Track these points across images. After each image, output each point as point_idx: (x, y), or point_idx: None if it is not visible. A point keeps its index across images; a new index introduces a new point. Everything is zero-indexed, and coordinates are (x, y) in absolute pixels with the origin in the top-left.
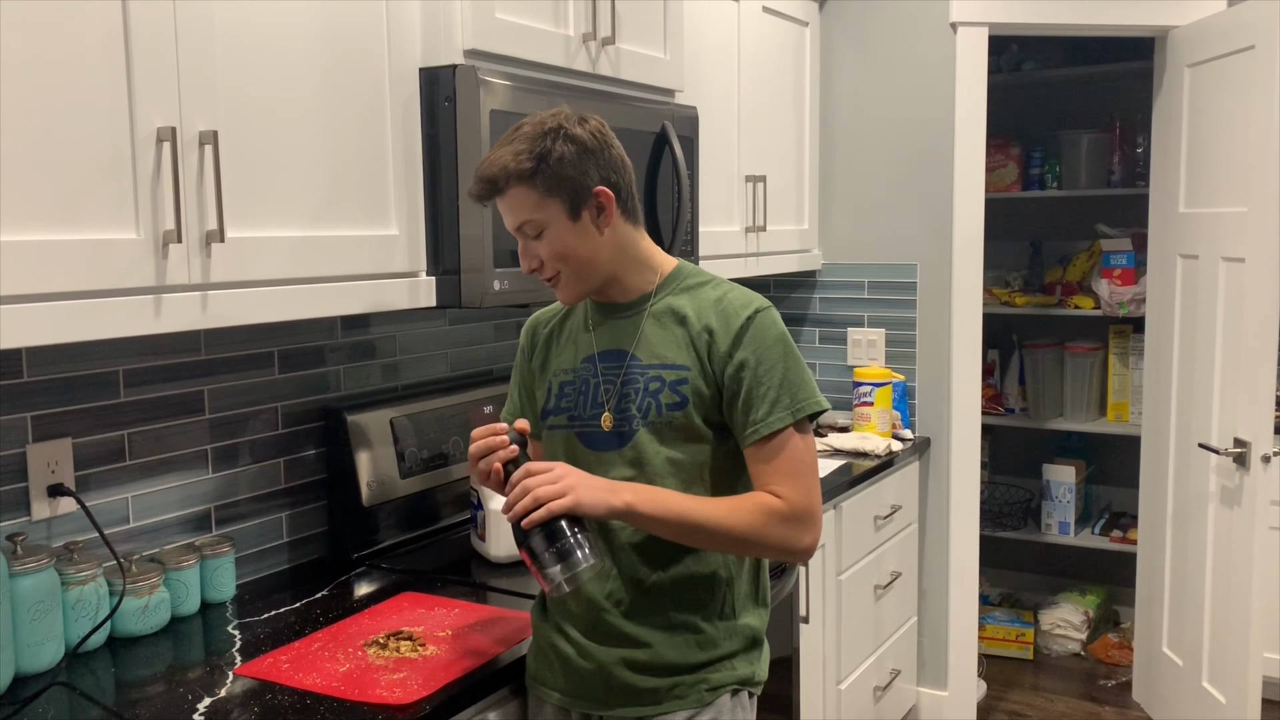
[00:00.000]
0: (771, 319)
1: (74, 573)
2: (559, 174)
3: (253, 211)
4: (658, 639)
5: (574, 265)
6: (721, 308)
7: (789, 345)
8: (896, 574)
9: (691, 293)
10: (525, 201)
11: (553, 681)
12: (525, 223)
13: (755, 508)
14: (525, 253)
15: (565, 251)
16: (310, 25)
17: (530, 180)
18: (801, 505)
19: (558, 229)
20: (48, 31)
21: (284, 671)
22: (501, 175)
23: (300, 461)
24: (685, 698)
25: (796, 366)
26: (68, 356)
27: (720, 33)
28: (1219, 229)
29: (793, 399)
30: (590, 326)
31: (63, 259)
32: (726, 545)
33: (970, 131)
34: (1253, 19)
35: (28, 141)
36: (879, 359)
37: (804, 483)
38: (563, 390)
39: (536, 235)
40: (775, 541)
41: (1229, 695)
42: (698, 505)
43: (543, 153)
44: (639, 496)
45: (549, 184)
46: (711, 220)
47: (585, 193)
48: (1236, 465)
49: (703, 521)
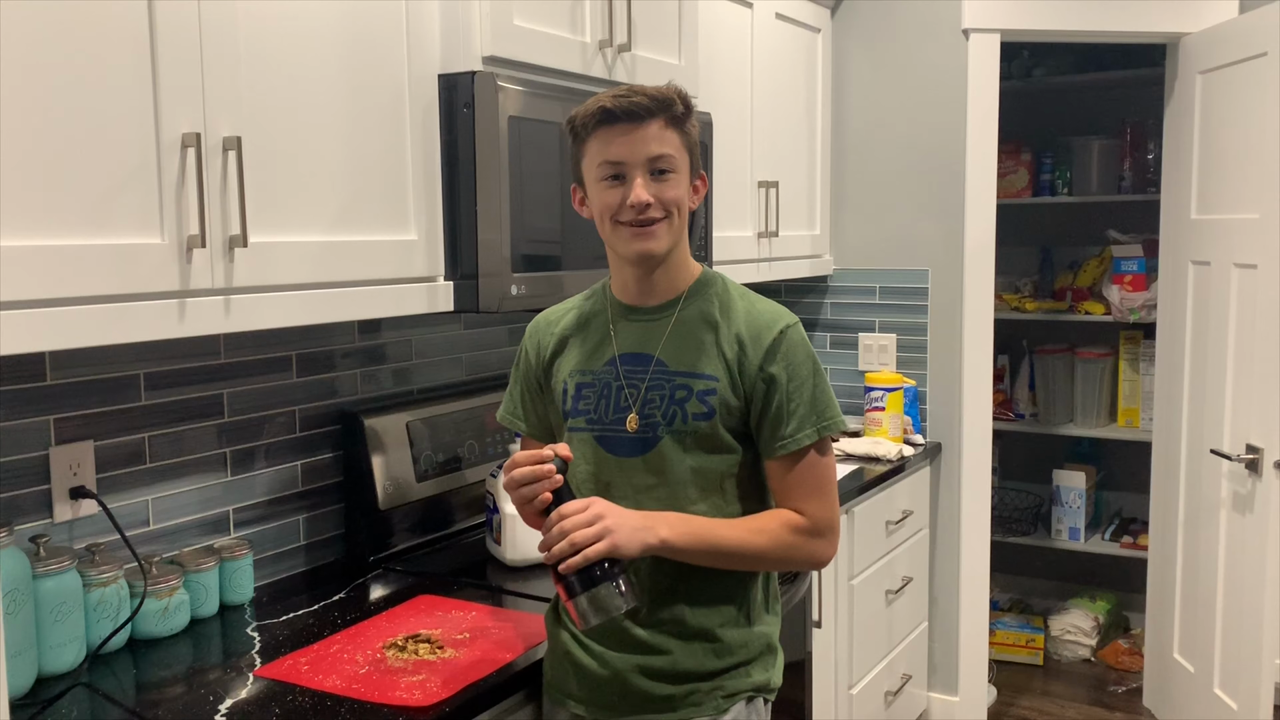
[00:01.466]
0: (801, 336)
1: (96, 574)
2: (694, 138)
3: (275, 216)
4: (675, 646)
5: (678, 221)
6: (752, 319)
7: (817, 363)
8: (908, 579)
9: (721, 301)
10: (669, 139)
11: (569, 688)
12: (663, 156)
13: (782, 527)
14: (644, 186)
15: (681, 200)
16: (332, 32)
17: (681, 124)
18: (824, 521)
19: (681, 179)
20: (74, 39)
21: (303, 673)
22: (657, 102)
23: (317, 465)
24: (701, 705)
25: (823, 385)
26: (89, 360)
27: (734, 39)
28: (1231, 235)
29: (819, 417)
30: (612, 328)
31: (88, 264)
32: (756, 565)
33: (982, 137)
34: (1265, 26)
35: (55, 148)
36: (890, 364)
37: (827, 499)
38: (580, 392)
39: (663, 173)
40: (802, 558)
41: (1241, 702)
42: (728, 531)
43: (690, 111)
44: (674, 531)
45: (689, 139)
46: (724, 225)
47: (698, 167)
48: (1249, 471)
49: (735, 547)
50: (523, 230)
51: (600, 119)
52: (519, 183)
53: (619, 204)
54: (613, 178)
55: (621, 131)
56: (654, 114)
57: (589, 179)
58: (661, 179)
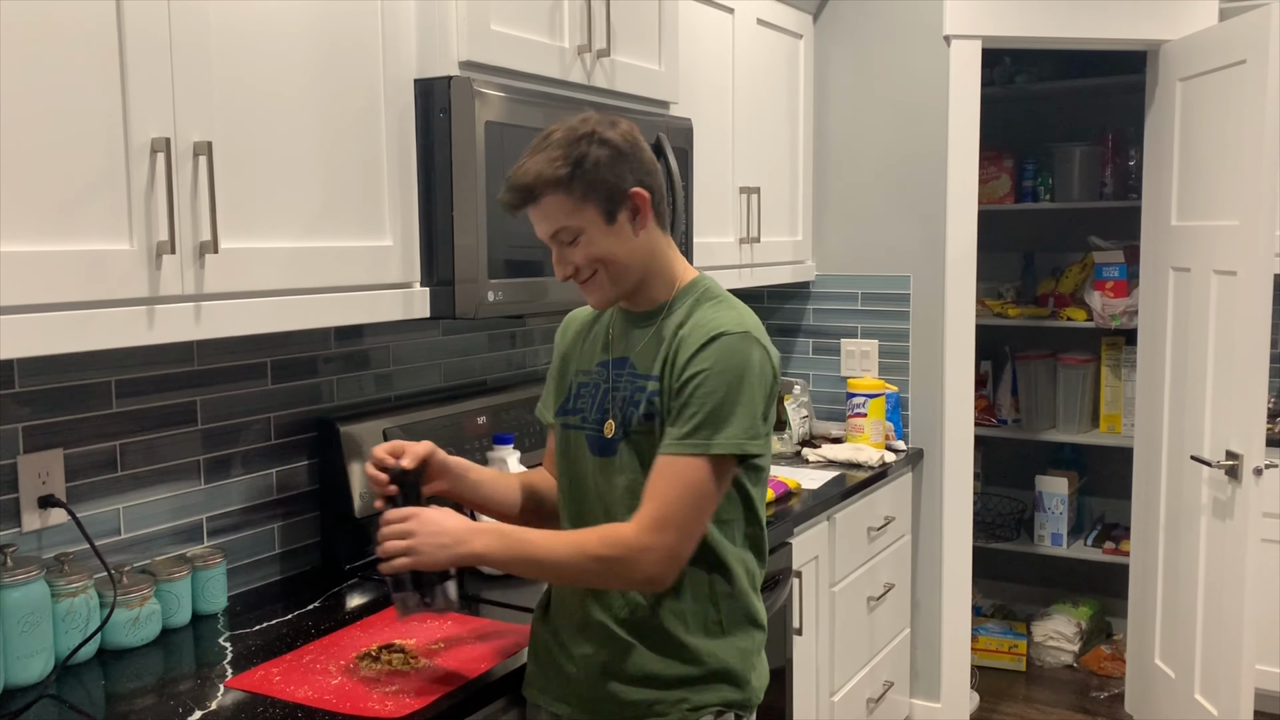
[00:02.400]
0: (739, 347)
1: (64, 584)
2: (595, 178)
3: (247, 222)
4: (641, 645)
5: (610, 269)
6: (700, 323)
7: (743, 380)
8: (890, 585)
9: (690, 308)
10: (560, 208)
11: (549, 688)
12: (560, 230)
13: (597, 540)
14: (560, 260)
15: (602, 255)
16: (306, 36)
17: (566, 186)
18: (647, 537)
19: (593, 234)
20: (42, 42)
21: (275, 684)
22: (537, 182)
23: (293, 472)
24: (666, 715)
25: (737, 402)
26: (59, 367)
27: (715, 45)
28: (1211, 242)
29: (714, 432)
30: (611, 333)
31: (55, 270)
32: (573, 579)
33: (964, 143)
34: (1244, 33)
35: (21, 152)
36: (872, 370)
37: (673, 515)
38: (580, 390)
39: (571, 241)
40: (616, 574)
41: (1221, 707)
42: (542, 542)
43: (578, 158)
44: (489, 544)
45: (585, 189)
46: (706, 231)
47: (621, 195)
48: (1229, 478)
49: (547, 559)
50: (500, 236)
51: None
52: (496, 188)
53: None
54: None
55: (524, 213)
56: (533, 197)
57: None
58: (572, 246)
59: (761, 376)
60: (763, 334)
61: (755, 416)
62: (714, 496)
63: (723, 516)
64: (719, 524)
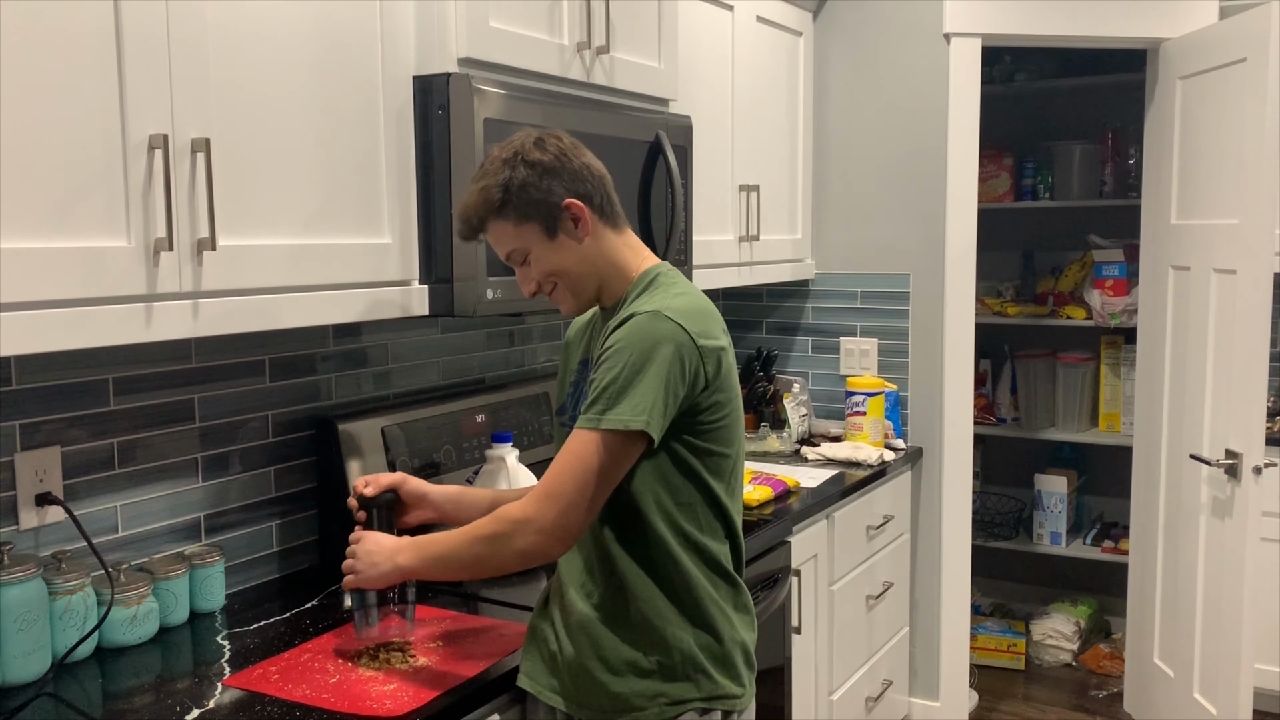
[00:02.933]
0: (646, 325)
1: (62, 582)
2: (526, 199)
3: (245, 219)
4: (618, 635)
5: (566, 280)
6: (630, 309)
7: (648, 358)
8: (889, 584)
9: (636, 299)
10: (505, 233)
11: (536, 674)
12: (511, 252)
13: (488, 520)
14: (522, 279)
15: (553, 269)
16: (304, 33)
17: (501, 212)
18: (530, 509)
19: (540, 250)
20: (39, 39)
21: (273, 683)
22: (475, 214)
23: (291, 470)
24: (645, 710)
25: (636, 379)
26: (56, 364)
27: (714, 42)
28: (1211, 241)
29: (606, 408)
30: (592, 331)
31: (53, 267)
32: (476, 569)
33: (963, 142)
34: (1244, 32)
35: (17, 149)
36: (871, 369)
37: (557, 487)
38: (572, 391)
39: (523, 261)
40: (507, 553)
41: (1220, 707)
42: (446, 540)
43: (505, 183)
44: (410, 556)
45: (520, 211)
46: (705, 229)
47: (556, 210)
48: (1228, 476)
49: (448, 554)
50: None
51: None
52: None
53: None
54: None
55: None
56: (477, 228)
57: None
58: (525, 265)
59: (672, 355)
60: (688, 315)
61: (655, 394)
62: (604, 471)
63: (680, 500)
64: (677, 509)
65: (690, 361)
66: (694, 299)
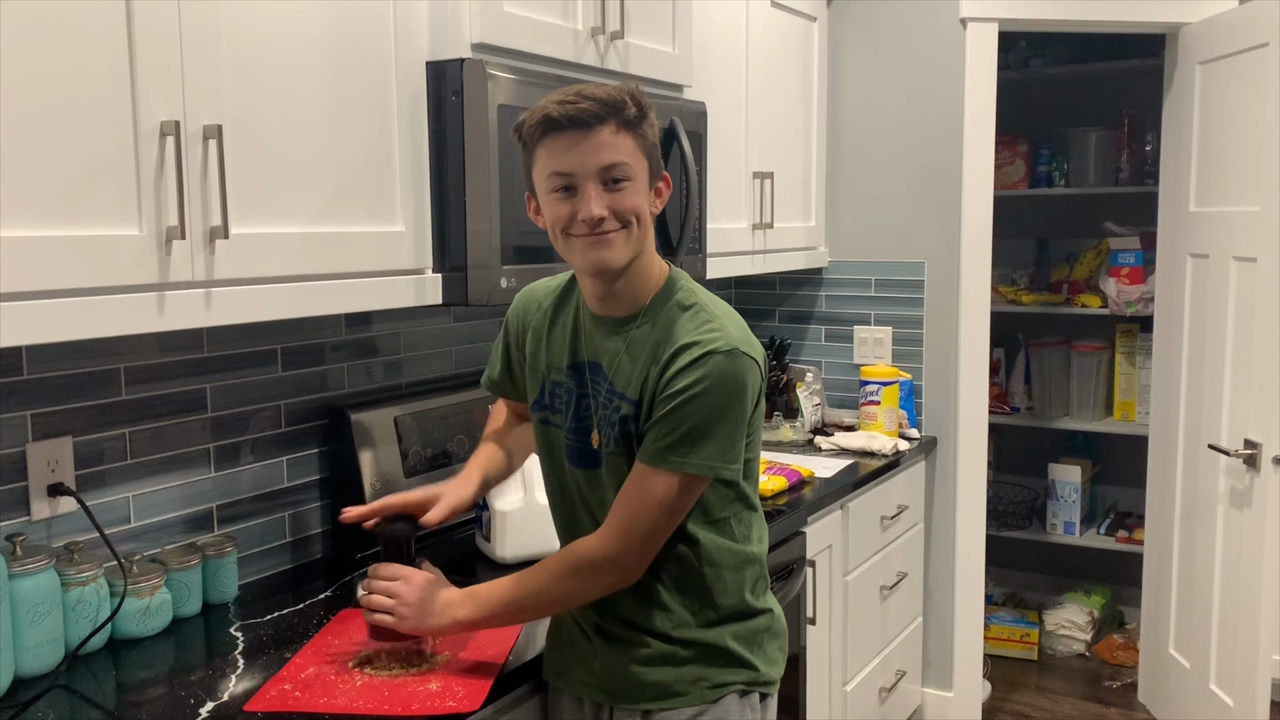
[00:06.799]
0: (729, 369)
1: (74, 574)
2: (653, 140)
3: (257, 207)
4: (657, 628)
5: (636, 229)
6: (685, 338)
7: (730, 403)
8: (903, 574)
9: (670, 318)
10: (625, 145)
11: (565, 669)
12: (615, 165)
13: (560, 567)
14: (596, 197)
15: (639, 209)
16: (317, 18)
17: (636, 129)
18: (610, 546)
19: (640, 185)
20: (50, 24)
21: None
22: (612, 109)
23: (303, 460)
24: (687, 694)
25: (719, 424)
26: (68, 354)
27: (728, 28)
28: (1230, 228)
29: (690, 450)
30: (581, 330)
31: (64, 256)
32: (556, 607)
33: (979, 128)
34: (1266, 15)
35: (29, 136)
36: (885, 357)
37: (635, 525)
38: (555, 389)
39: (617, 183)
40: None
41: (1237, 698)
42: (514, 586)
43: (645, 111)
44: (469, 610)
45: (645, 143)
46: (719, 217)
47: (659, 169)
48: (1247, 466)
49: (516, 600)
50: (512, 221)
51: (545, 127)
52: (509, 173)
53: (570, 217)
54: (564, 189)
55: (570, 140)
56: (603, 119)
57: (540, 189)
58: (616, 188)
59: (750, 395)
60: (748, 341)
61: (735, 438)
62: (680, 510)
63: (714, 516)
64: (711, 519)
65: (758, 391)
66: (736, 317)
